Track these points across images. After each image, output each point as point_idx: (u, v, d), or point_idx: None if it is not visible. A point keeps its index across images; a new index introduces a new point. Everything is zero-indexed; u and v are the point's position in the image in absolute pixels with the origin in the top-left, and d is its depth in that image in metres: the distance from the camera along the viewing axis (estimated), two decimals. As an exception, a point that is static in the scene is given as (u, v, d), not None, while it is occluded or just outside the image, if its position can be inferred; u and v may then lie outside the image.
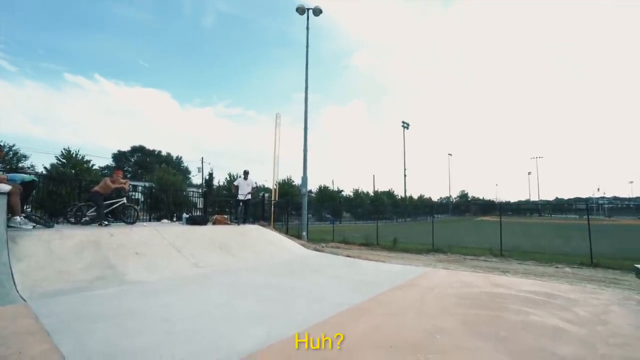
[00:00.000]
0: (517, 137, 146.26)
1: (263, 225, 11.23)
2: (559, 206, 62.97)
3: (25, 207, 7.89)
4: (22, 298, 3.76)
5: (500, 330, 3.17)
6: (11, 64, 78.03)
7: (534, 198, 79.84)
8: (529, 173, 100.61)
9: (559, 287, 5.32)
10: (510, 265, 9.03)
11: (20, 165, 27.37)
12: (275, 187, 15.95)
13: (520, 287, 5.19)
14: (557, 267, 8.56)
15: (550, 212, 58.19)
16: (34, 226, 6.09)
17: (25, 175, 6.62)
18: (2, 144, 6.42)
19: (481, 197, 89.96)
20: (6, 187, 5.35)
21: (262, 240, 8.94)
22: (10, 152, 27.03)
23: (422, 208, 48.57)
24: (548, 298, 4.47)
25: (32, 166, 27.71)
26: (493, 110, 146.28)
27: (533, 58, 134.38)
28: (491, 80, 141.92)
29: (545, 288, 5.16)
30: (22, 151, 30.03)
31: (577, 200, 70.57)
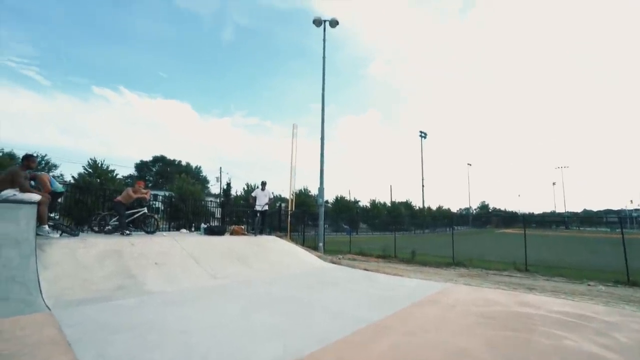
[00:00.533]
0: (541, 146, 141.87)
1: (280, 236, 11.22)
2: (588, 218, 59.77)
3: (53, 215, 8.22)
4: (47, 307, 3.86)
5: (530, 355, 2.97)
6: (45, 79, 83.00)
7: (560, 209, 76.60)
8: (554, 183, 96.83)
9: (593, 308, 4.99)
10: (536, 281, 8.59)
11: (51, 174, 28.72)
12: (292, 197, 15.98)
13: (550, 307, 4.90)
14: (589, 285, 8.07)
15: (578, 225, 55.42)
16: (60, 234, 6.31)
17: (59, 185, 6.96)
18: (35, 154, 6.73)
19: (502, 209, 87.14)
20: (36, 197, 5.59)
21: (278, 252, 8.91)
22: (42, 162, 28.40)
23: (440, 219, 47.43)
24: (582, 320, 4.19)
25: (62, 175, 29.01)
26: (515, 118, 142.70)
27: (555, 62, 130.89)
28: (512, 87, 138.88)
29: (578, 309, 4.85)
30: (52, 161, 31.56)
31: (609, 212, 67.06)
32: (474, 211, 78.25)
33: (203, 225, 10.27)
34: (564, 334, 3.61)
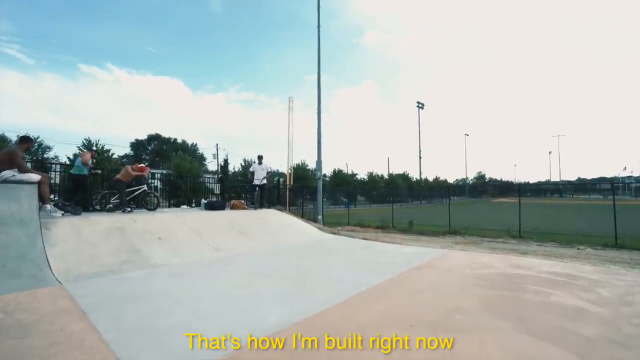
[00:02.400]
0: (537, 115, 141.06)
1: (279, 210, 11.39)
2: (582, 186, 60.71)
3: (52, 196, 8.27)
4: (58, 281, 4.00)
5: (520, 310, 3.17)
6: (29, 57, 79.84)
7: (555, 178, 77.53)
8: (550, 152, 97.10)
9: (581, 268, 5.23)
10: (529, 247, 8.90)
11: (45, 156, 28.45)
12: (289, 171, 16.06)
13: (541, 268, 5.14)
14: (579, 249, 8.38)
15: (572, 193, 56.34)
16: (62, 214, 6.39)
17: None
18: (30, 135, 6.66)
19: (499, 179, 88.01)
20: (36, 177, 5.61)
21: (279, 224, 9.10)
22: (36, 144, 28.07)
23: (437, 190, 47.96)
24: (570, 279, 4.42)
25: (57, 157, 28.80)
26: (511, 87, 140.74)
27: (553, 31, 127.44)
28: (509, 56, 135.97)
29: (567, 269, 5.09)
30: (45, 142, 31.17)
31: (602, 179, 67.98)
32: (471, 181, 79.03)
33: (203, 201, 10.36)
34: (552, 291, 3.83)
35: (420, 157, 59.41)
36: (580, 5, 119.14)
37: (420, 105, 61.91)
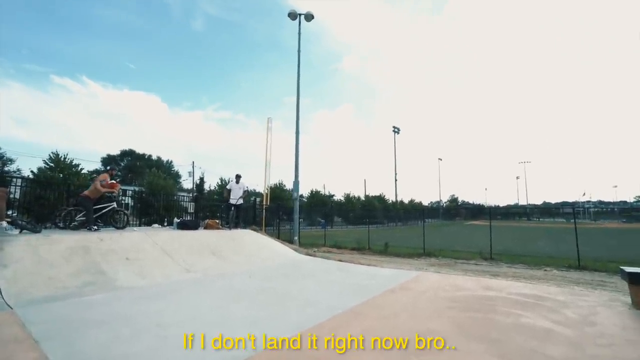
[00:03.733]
0: (506, 141, 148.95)
1: (255, 230, 11.17)
2: (547, 210, 64.05)
3: (10, 212, 7.72)
4: (8, 305, 3.67)
5: (492, 332, 3.22)
6: (-5, 66, 76.20)
7: (523, 202, 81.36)
8: (518, 177, 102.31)
9: (548, 290, 5.43)
10: (500, 268, 9.16)
11: (5, 169, 26.69)
12: (266, 191, 15.90)
13: (511, 289, 5.28)
14: (545, 270, 8.72)
15: (538, 216, 59.24)
16: (20, 231, 5.95)
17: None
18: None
19: (471, 202, 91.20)
20: (-8, 192, 5.24)
21: (254, 245, 8.89)
22: (-5, 156, 26.35)
23: (413, 212, 48.93)
24: (538, 300, 4.56)
25: (19, 170, 27.06)
26: (482, 114, 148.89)
27: (522, 62, 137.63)
28: (481, 85, 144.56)
29: (535, 290, 5.26)
30: (7, 155, 29.29)
31: (564, 204, 72.10)
32: (444, 204, 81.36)
33: (176, 220, 10.01)
34: (522, 312, 3.93)
35: (395, 180, 60.75)
36: (545, 36, 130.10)
37: (395, 129, 64.00)
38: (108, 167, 6.12)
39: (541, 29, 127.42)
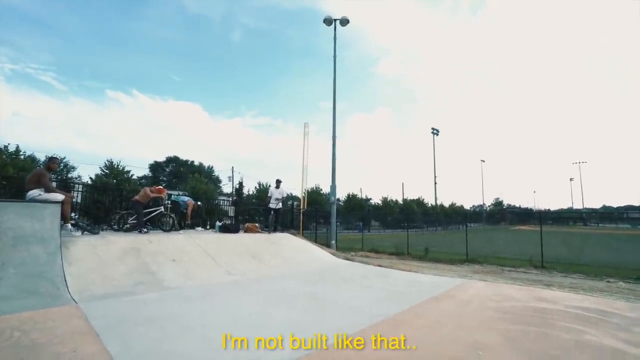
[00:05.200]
0: (556, 141, 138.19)
1: (293, 234, 11.31)
2: (608, 215, 57.94)
3: (73, 215, 8.50)
4: (73, 300, 4.02)
5: (550, 349, 2.95)
6: (62, 84, 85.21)
7: (577, 206, 74.49)
8: (571, 179, 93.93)
9: (614, 304, 4.88)
10: (553, 278, 8.43)
11: (69, 175, 29.59)
12: (303, 195, 16.06)
13: (569, 302, 4.83)
14: (609, 282, 7.87)
15: (597, 221, 53.85)
16: (82, 233, 6.53)
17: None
18: (56, 156, 6.96)
19: (518, 205, 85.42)
20: (60, 197, 5.80)
21: (292, 249, 8.99)
22: (62, 164, 29.32)
23: (453, 217, 46.82)
24: (602, 316, 4.12)
25: (79, 177, 29.90)
26: (529, 113, 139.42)
27: (569, 56, 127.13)
28: (526, 82, 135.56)
29: (598, 304, 4.76)
30: (70, 163, 32.55)
31: (630, 208, 64.96)
32: (488, 208, 76.96)
33: (218, 223, 10.43)
34: (584, 328, 3.56)
35: (435, 183, 58.59)
36: (597, 29, 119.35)
37: (435, 131, 61.82)
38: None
39: (596, 20, 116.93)
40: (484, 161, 71.59)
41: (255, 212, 16.76)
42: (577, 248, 15.41)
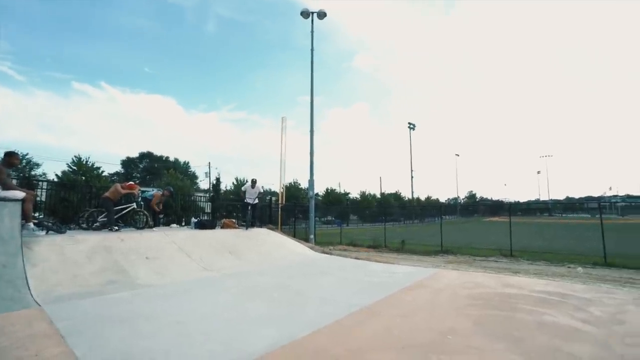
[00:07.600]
0: (526, 135, 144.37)
1: (271, 229, 11.26)
2: (570, 205, 61.71)
3: (37, 214, 8.06)
4: (36, 302, 3.83)
5: (514, 331, 3.12)
6: (20, 74, 79.48)
7: (544, 197, 78.70)
8: (539, 172, 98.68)
9: (572, 287, 5.23)
10: (520, 265, 8.90)
11: (32, 173, 27.91)
12: (282, 190, 15.99)
13: (533, 287, 5.12)
14: (569, 267, 8.41)
15: (561, 212, 57.19)
16: (46, 232, 6.20)
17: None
18: (17, 152, 6.53)
19: (489, 198, 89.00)
20: (20, 194, 5.47)
21: (270, 244, 8.96)
22: (24, 160, 27.58)
23: (429, 209, 48.17)
24: (562, 298, 4.40)
25: (44, 174, 28.27)
26: (500, 108, 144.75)
27: (540, 54, 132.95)
28: (498, 78, 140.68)
29: (559, 288, 5.08)
30: (34, 159, 30.65)
31: (589, 199, 69.41)
32: (462, 201, 79.75)
33: (193, 220, 10.22)
34: (545, 310, 3.80)
35: (412, 177, 59.94)
36: (564, 27, 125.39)
37: (411, 126, 63.10)
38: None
39: (561, 16, 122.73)
40: (458, 155, 74.04)
41: (233, 208, 16.54)
42: (543, 237, 16.29)
